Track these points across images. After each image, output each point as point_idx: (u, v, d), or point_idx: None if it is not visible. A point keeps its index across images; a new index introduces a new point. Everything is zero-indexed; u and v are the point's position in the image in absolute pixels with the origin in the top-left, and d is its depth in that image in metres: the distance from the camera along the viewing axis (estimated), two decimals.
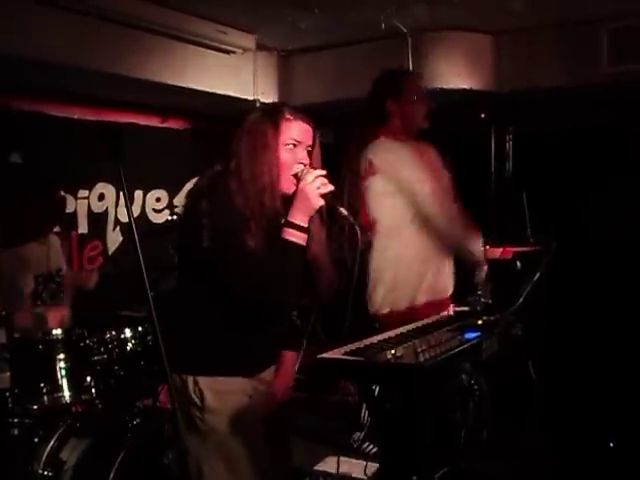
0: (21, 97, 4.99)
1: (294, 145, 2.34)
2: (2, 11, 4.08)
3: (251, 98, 5.76)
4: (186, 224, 2.43)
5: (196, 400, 2.42)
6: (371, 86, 3.61)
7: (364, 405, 4.67)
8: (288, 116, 2.35)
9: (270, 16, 5.01)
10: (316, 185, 2.27)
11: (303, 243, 2.31)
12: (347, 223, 2.42)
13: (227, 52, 5.39)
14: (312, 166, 2.37)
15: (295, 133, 2.34)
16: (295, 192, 2.30)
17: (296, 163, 2.33)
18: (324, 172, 2.33)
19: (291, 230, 2.29)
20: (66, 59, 4.47)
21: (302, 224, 2.30)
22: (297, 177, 2.31)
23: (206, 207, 2.28)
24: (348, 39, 5.60)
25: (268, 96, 5.92)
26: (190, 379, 2.43)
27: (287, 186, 2.33)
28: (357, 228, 2.30)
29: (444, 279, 3.58)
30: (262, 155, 2.29)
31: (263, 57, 5.84)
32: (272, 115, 2.36)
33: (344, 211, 2.36)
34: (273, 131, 2.32)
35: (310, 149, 2.40)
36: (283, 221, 2.34)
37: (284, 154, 2.32)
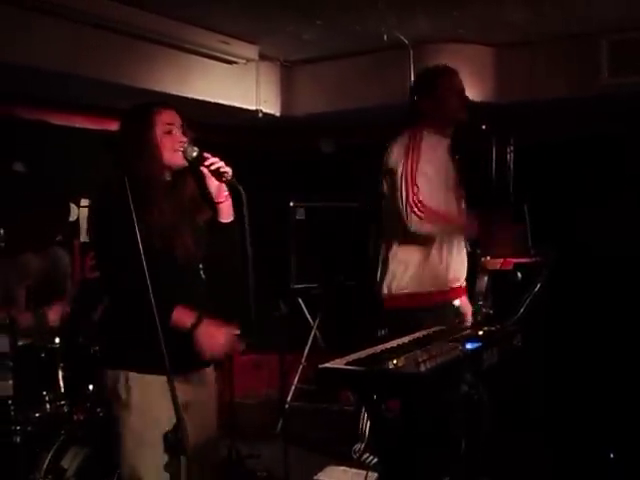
0: (24, 106, 5.02)
1: (169, 131, 2.62)
2: (4, 21, 4.11)
3: (253, 108, 5.79)
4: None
5: (122, 395, 2.53)
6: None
7: (362, 415, 4.68)
8: (155, 109, 2.65)
9: (273, 27, 5.04)
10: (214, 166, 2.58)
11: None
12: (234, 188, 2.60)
13: (230, 62, 5.42)
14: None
15: (168, 119, 2.64)
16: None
17: (177, 142, 2.61)
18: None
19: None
20: (69, 68, 4.50)
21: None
22: (184, 152, 2.59)
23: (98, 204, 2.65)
24: (350, 50, 5.62)
25: (270, 106, 5.95)
26: (122, 374, 2.53)
27: (175, 160, 2.61)
28: (242, 193, 2.53)
29: (456, 267, 3.58)
30: (143, 152, 2.58)
31: (266, 67, 5.87)
32: (142, 114, 2.66)
33: (228, 178, 2.60)
34: (147, 127, 2.60)
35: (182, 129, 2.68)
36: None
37: (165, 140, 2.61)
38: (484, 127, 4.96)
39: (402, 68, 5.44)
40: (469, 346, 2.38)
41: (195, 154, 2.58)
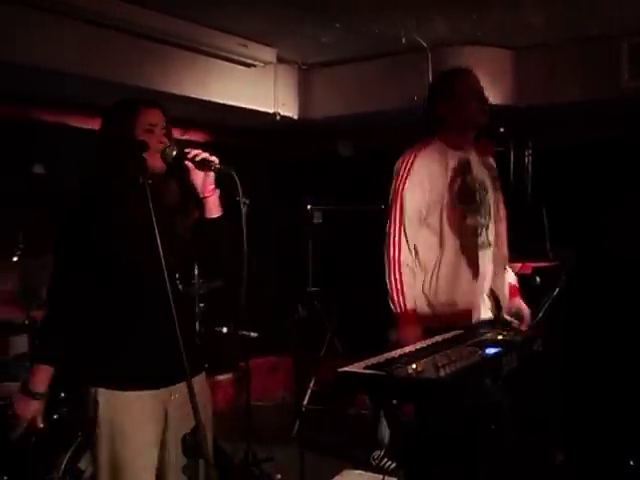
0: (43, 109, 5.05)
1: (150, 130, 2.49)
2: (24, 23, 4.14)
3: (271, 111, 5.79)
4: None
5: (90, 410, 2.42)
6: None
7: (381, 421, 4.67)
8: (139, 106, 2.52)
9: (291, 30, 5.04)
10: (199, 157, 2.45)
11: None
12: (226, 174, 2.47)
13: (248, 65, 5.43)
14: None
15: (149, 117, 2.51)
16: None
17: (158, 142, 2.48)
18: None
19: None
20: (87, 71, 4.52)
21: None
22: (162, 154, 2.47)
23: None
24: (368, 53, 5.62)
25: (288, 109, 5.95)
26: (92, 390, 2.42)
27: (155, 164, 2.47)
28: (235, 177, 2.39)
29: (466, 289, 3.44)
30: (122, 146, 2.47)
31: (284, 70, 5.88)
32: (125, 110, 2.54)
33: (217, 165, 2.47)
34: (129, 123, 2.48)
35: (165, 129, 2.55)
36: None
37: (146, 139, 2.46)
38: (502, 130, 4.94)
39: (420, 71, 5.43)
40: (489, 351, 2.36)
41: (174, 153, 2.47)
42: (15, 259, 3.53)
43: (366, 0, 4.46)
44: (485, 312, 3.31)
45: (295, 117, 6.06)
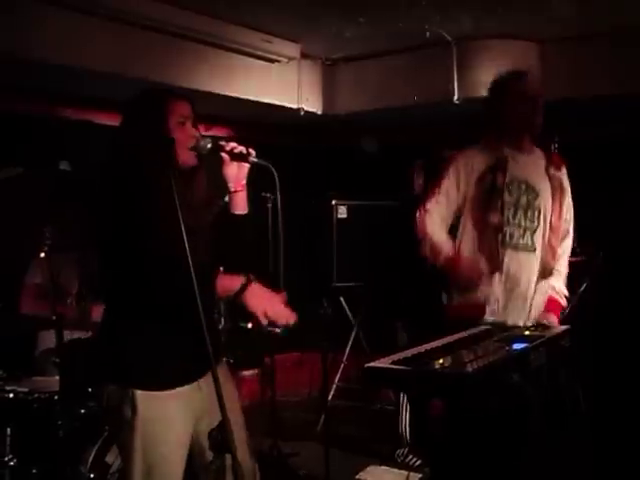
0: (70, 106, 5.09)
1: (183, 123, 2.44)
2: (51, 23, 4.17)
3: (295, 106, 5.80)
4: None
5: (127, 412, 2.36)
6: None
7: (402, 418, 4.65)
8: (171, 98, 2.47)
9: (315, 25, 5.04)
10: (237, 149, 2.44)
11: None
12: (262, 168, 2.46)
13: (272, 61, 5.43)
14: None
15: (182, 111, 2.46)
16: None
17: (189, 137, 2.44)
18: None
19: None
20: (113, 69, 4.54)
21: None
22: (196, 147, 2.44)
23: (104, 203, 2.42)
24: (392, 48, 5.60)
25: (312, 104, 5.95)
26: (128, 392, 2.36)
27: (186, 158, 2.44)
28: (272, 169, 2.38)
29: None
30: (157, 140, 2.39)
31: (308, 66, 5.87)
32: (157, 101, 2.47)
33: (253, 158, 2.45)
34: (161, 115, 2.42)
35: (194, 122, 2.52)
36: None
37: (178, 132, 2.42)
38: None
39: (445, 65, 5.40)
40: (516, 346, 2.34)
41: (209, 145, 2.43)
42: (42, 255, 3.56)
43: None
44: (516, 314, 3.32)
45: (319, 112, 6.06)
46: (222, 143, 2.46)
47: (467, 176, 3.38)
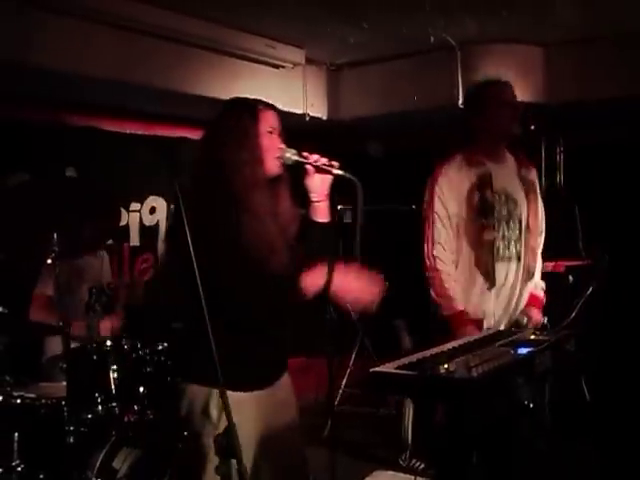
0: (75, 113, 5.11)
1: (271, 132, 2.49)
2: (56, 30, 4.20)
3: (300, 112, 5.81)
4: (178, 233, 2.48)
5: (213, 413, 2.40)
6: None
7: (404, 422, 4.65)
8: (261, 107, 2.52)
9: (319, 31, 5.05)
10: (321, 161, 2.49)
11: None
12: (345, 180, 2.52)
13: (276, 66, 5.45)
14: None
15: (271, 121, 2.51)
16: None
17: (276, 147, 2.48)
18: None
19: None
20: (119, 76, 4.57)
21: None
22: (282, 158, 2.48)
23: (193, 209, 2.33)
24: (397, 53, 5.61)
25: (317, 110, 5.96)
26: (214, 392, 2.37)
27: (272, 168, 2.48)
28: (356, 181, 2.47)
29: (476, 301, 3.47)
30: (246, 144, 2.45)
31: (312, 71, 5.89)
32: (248, 108, 2.51)
33: (337, 170, 2.52)
34: (253, 122, 2.46)
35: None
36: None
37: (266, 141, 2.47)
38: (533, 127, 4.89)
39: (449, 70, 5.41)
40: (521, 351, 2.34)
41: (295, 157, 2.48)
42: (49, 262, 3.57)
43: (394, 0, 4.45)
44: (508, 324, 3.38)
45: (324, 117, 6.07)
46: (306, 154, 2.50)
47: (454, 197, 3.37)
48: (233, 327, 2.40)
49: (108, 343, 3.45)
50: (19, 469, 3.19)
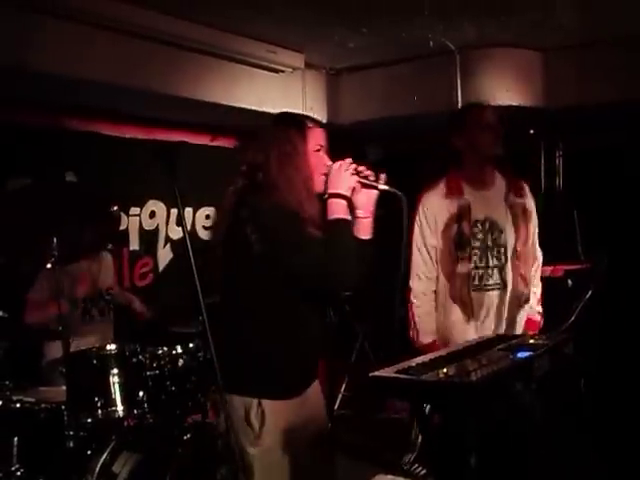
0: (75, 117, 5.11)
1: (318, 150, 2.52)
2: (55, 35, 4.20)
3: None
4: (229, 240, 2.51)
5: (255, 423, 2.44)
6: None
7: (415, 424, 4.64)
8: (310, 124, 2.54)
9: (319, 35, 5.06)
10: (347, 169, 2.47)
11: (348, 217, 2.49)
12: (390, 194, 2.50)
13: (276, 71, 5.45)
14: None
15: (319, 138, 2.54)
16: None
17: (323, 165, 2.51)
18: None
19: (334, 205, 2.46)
20: (118, 80, 4.56)
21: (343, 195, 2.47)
22: (327, 176, 2.49)
23: (247, 216, 2.44)
24: (396, 57, 5.62)
25: (317, 114, 5.96)
26: (254, 402, 2.44)
27: (320, 186, 2.51)
28: (401, 196, 2.45)
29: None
30: (296, 161, 2.47)
31: (312, 76, 5.90)
32: (297, 125, 2.53)
33: (383, 185, 2.50)
34: (301, 139, 2.49)
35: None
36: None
37: (314, 158, 2.51)
38: (532, 132, 4.91)
39: (449, 74, 5.42)
40: (520, 355, 2.34)
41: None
42: (49, 266, 3.58)
43: (393, 4, 4.46)
44: None
45: (323, 122, 6.07)
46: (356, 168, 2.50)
47: (432, 228, 3.40)
48: (275, 337, 2.46)
49: (109, 348, 3.46)
50: (19, 473, 3.20)
